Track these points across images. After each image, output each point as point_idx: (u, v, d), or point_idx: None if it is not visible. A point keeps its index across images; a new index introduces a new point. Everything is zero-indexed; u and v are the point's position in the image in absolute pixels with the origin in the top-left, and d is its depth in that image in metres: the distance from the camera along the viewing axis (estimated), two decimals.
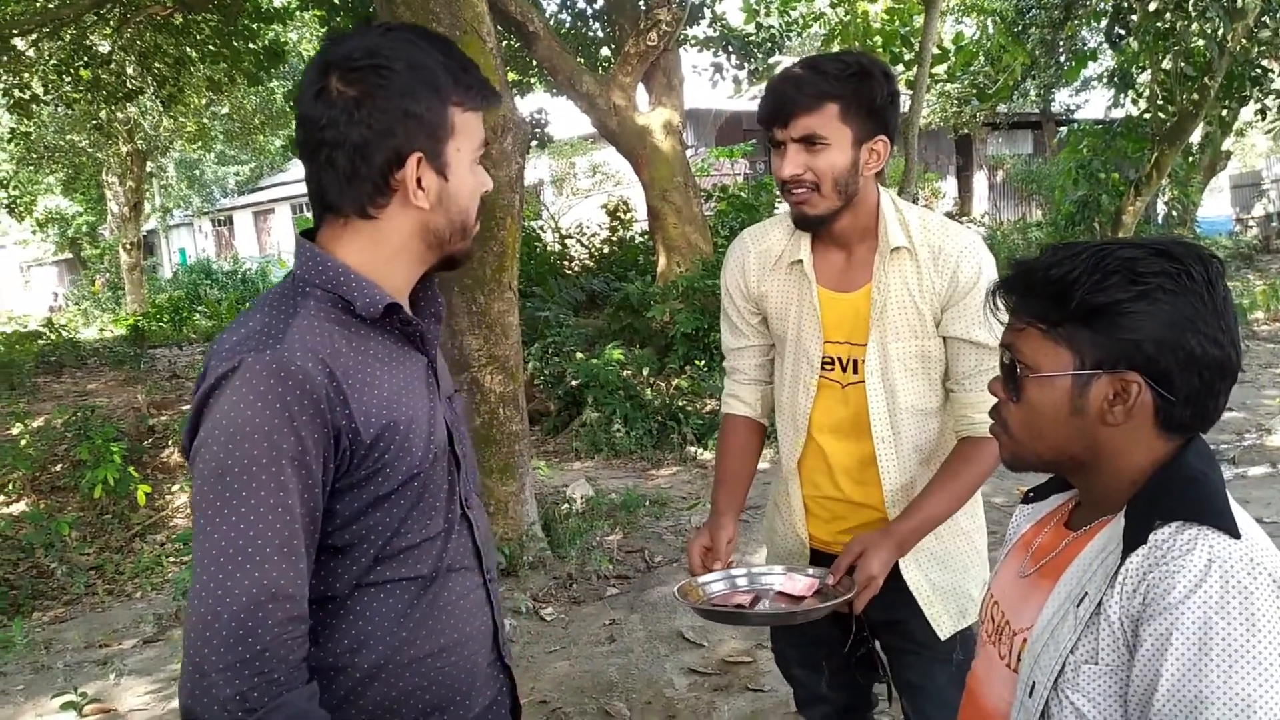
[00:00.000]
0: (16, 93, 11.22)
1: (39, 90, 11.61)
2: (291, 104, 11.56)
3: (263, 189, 32.83)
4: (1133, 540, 1.18)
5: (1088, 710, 1.18)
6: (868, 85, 1.98)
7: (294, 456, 1.26)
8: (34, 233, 25.85)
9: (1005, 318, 1.31)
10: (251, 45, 10.57)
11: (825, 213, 2.04)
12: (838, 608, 1.98)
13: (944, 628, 2.16)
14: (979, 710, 1.43)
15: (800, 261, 2.17)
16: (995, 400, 1.36)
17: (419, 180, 1.37)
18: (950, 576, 2.18)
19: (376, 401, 1.35)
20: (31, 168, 19.97)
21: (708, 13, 12.36)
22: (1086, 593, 1.21)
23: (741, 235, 2.34)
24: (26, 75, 11.32)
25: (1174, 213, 16.93)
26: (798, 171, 2.00)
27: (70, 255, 28.51)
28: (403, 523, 1.40)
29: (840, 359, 2.15)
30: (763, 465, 3.58)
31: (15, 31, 10.23)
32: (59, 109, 14.09)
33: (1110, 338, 1.19)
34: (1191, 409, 1.21)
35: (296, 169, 28.16)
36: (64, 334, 12.31)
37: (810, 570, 2.13)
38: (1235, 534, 1.14)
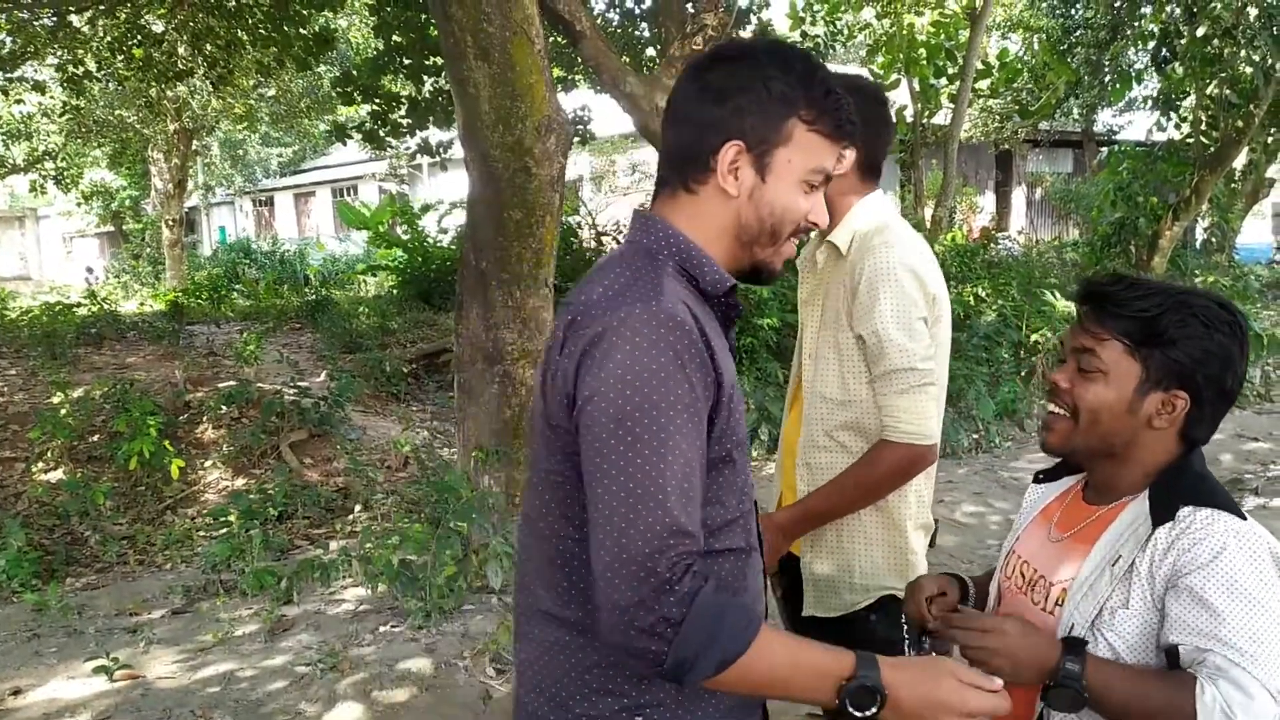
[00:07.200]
0: (70, 68, 11.39)
1: (92, 67, 11.78)
2: (337, 91, 11.65)
3: (304, 171, 33.06)
4: (1161, 517, 1.54)
5: (1117, 645, 1.54)
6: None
7: (688, 404, 1.31)
8: (78, 205, 26.16)
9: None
10: (302, 30, 10.68)
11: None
12: None
13: (811, 609, 2.36)
14: None
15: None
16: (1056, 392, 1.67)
17: (736, 168, 1.44)
18: (834, 572, 2.34)
19: (724, 364, 1.39)
20: (79, 141, 20.21)
21: (754, 19, 12.41)
22: (1120, 555, 1.57)
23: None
24: (81, 51, 11.51)
25: (1213, 239, 16.80)
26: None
27: (112, 228, 28.82)
28: (719, 497, 1.43)
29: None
30: (768, 469, 2.97)
31: (72, 8, 10.43)
32: (110, 85, 14.30)
33: (1174, 362, 1.56)
34: (1206, 427, 1.61)
35: (339, 153, 28.35)
36: (105, 306, 12.46)
37: None
38: (1243, 517, 1.51)
